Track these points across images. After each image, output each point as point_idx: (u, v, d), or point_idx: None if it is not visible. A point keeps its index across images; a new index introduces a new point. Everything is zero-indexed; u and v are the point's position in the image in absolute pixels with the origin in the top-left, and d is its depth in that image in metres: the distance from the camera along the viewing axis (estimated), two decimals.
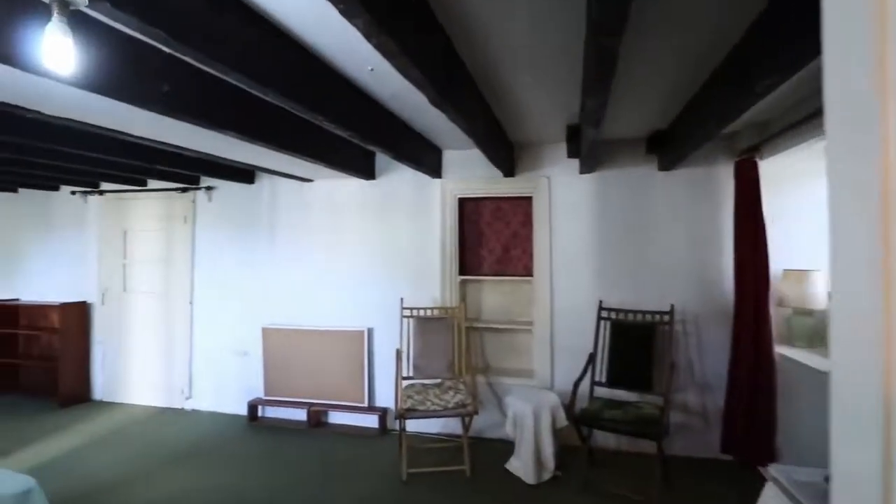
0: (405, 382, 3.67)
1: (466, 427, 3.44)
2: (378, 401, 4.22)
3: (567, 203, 3.85)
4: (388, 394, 4.10)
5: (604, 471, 3.34)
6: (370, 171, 4.19)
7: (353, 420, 4.24)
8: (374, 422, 4.12)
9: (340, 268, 4.35)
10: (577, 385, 3.27)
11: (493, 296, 4.22)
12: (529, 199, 3.98)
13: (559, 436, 3.31)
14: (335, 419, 4.33)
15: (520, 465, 3.25)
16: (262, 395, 4.40)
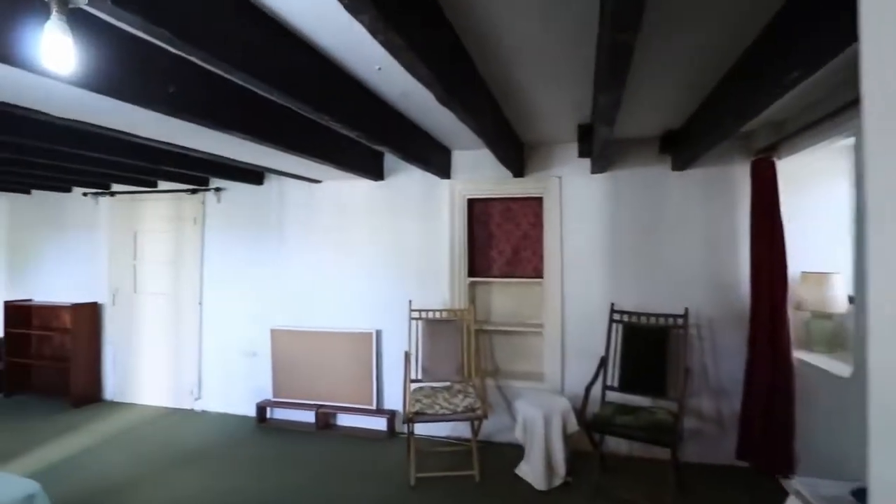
0: (414, 385, 3.63)
1: (476, 431, 3.39)
2: (386, 403, 4.19)
3: (578, 203, 3.79)
4: (397, 396, 4.06)
5: (616, 477, 3.28)
6: (378, 172, 4.16)
7: (362, 422, 4.21)
8: (383, 424, 4.09)
9: (349, 269, 4.32)
10: (589, 389, 3.21)
11: (503, 298, 4.17)
12: (540, 200, 3.93)
13: (570, 441, 3.25)
14: (343, 421, 4.31)
15: (530, 471, 3.20)
16: (271, 397, 4.39)
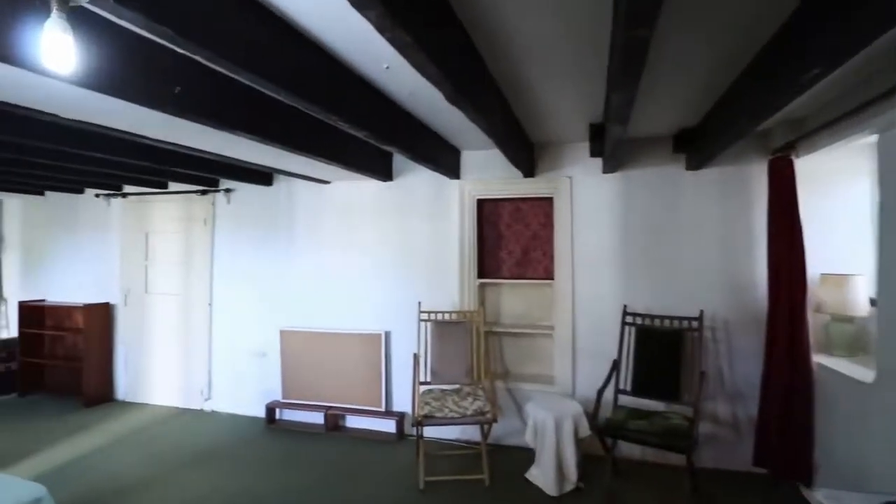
0: (423, 388, 3.60)
1: (485, 434, 3.35)
2: (395, 405, 4.16)
3: (589, 204, 3.73)
4: (406, 398, 4.03)
5: (629, 482, 3.21)
6: (387, 173, 4.13)
7: (370, 424, 4.18)
8: (392, 427, 4.06)
9: (358, 270, 4.30)
10: (601, 393, 3.15)
11: (513, 299, 4.12)
12: (550, 200, 3.87)
13: (581, 445, 3.19)
14: (352, 423, 4.29)
15: (540, 475, 3.15)
16: (280, 398, 4.38)
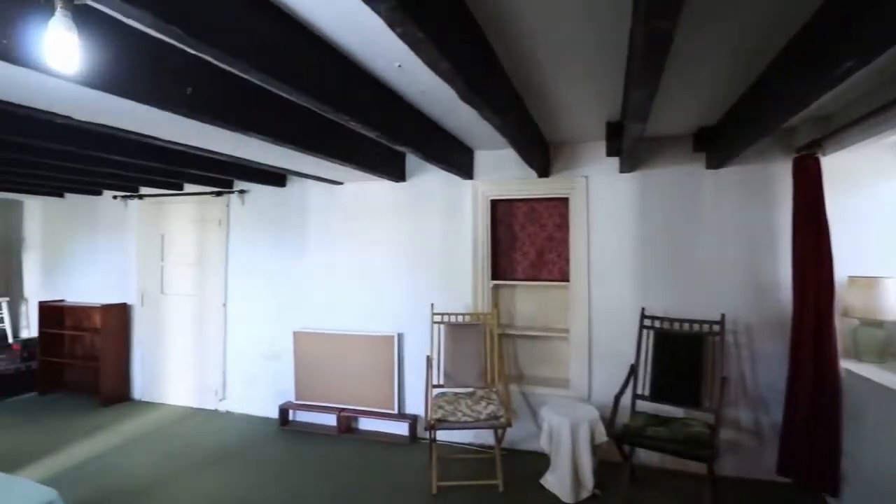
0: (436, 391, 3.55)
1: (499, 438, 3.29)
2: (408, 408, 4.12)
3: (606, 204, 3.65)
4: (419, 401, 3.99)
5: (647, 490, 3.13)
6: (400, 173, 4.10)
7: (383, 427, 4.15)
8: (404, 429, 4.02)
9: (371, 271, 4.28)
10: (619, 398, 3.06)
11: (527, 301, 4.05)
12: (565, 201, 3.80)
13: (598, 452, 3.12)
14: (365, 425, 4.26)
15: (556, 482, 3.08)
16: (293, 399, 4.38)
